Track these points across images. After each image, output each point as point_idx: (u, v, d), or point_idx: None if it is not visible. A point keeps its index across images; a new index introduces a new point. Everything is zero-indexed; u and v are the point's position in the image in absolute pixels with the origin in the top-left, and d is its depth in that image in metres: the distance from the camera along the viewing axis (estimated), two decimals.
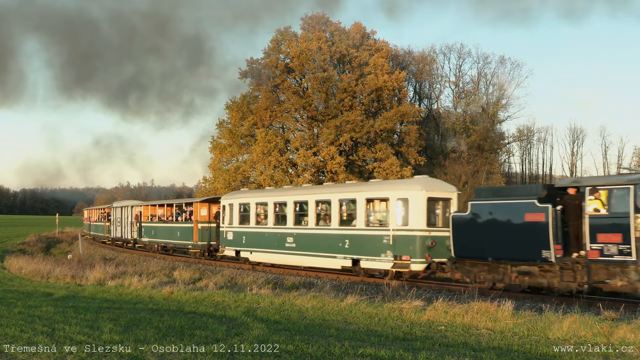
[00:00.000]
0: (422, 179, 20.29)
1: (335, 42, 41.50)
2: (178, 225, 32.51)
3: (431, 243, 18.41)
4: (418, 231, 18.53)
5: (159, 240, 34.84)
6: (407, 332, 10.49)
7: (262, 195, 25.83)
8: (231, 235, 26.35)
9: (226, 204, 26.85)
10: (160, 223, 35.16)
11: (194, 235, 29.82)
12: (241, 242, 25.70)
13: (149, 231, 36.34)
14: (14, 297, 17.11)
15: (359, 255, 20.05)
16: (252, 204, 25.36)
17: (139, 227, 37.46)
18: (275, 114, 41.56)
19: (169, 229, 33.68)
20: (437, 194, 19.40)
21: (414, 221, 18.64)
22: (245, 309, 13.31)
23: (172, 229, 33.11)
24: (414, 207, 18.68)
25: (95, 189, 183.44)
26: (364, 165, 41.07)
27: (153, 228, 36.03)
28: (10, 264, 32.20)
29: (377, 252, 19.37)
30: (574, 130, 55.17)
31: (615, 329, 9.88)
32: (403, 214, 18.87)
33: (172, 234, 32.96)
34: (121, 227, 41.28)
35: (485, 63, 50.27)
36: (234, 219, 26.18)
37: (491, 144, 46.74)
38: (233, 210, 26.25)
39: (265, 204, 24.80)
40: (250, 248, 25.21)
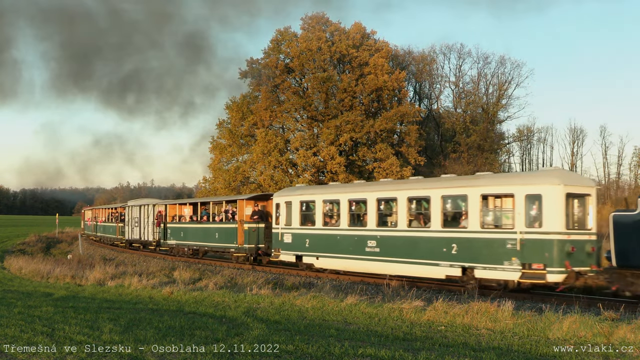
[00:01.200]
0: (557, 171, 16.99)
1: (335, 42, 41.51)
2: (217, 225, 28.73)
3: (571, 248, 15.37)
4: (555, 234, 15.40)
5: (190, 242, 30.94)
6: (407, 332, 10.48)
7: (331, 192, 22.01)
8: (289, 238, 22.98)
9: (281, 202, 23.54)
10: (192, 224, 31.28)
11: (238, 237, 26.45)
12: (303, 246, 22.24)
13: (177, 232, 32.44)
14: (14, 297, 17.12)
15: (471, 262, 16.69)
16: (317, 202, 21.88)
17: (163, 228, 33.66)
18: (275, 114, 41.57)
19: (204, 231, 29.88)
20: (576, 188, 16.16)
21: (550, 222, 15.45)
22: (245, 309, 13.31)
23: (209, 230, 29.29)
24: (550, 205, 15.47)
25: (95, 189, 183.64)
26: (364, 165, 41.08)
27: (182, 229, 32.10)
28: (10, 264, 32.21)
29: (497, 259, 16.12)
30: (574, 130, 55.14)
31: (615, 329, 9.88)
32: (534, 213, 15.76)
33: (209, 235, 29.19)
34: (139, 228, 37.63)
35: (485, 63, 50.34)
36: (292, 219, 22.76)
37: (491, 144, 46.78)
38: (292, 209, 22.83)
39: (336, 202, 21.33)
40: (316, 253, 21.71)
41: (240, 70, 45.24)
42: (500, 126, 51.58)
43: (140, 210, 37.66)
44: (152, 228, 35.53)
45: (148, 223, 36.25)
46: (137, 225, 37.86)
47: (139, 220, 37.63)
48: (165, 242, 33.42)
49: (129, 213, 39.73)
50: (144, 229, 37.11)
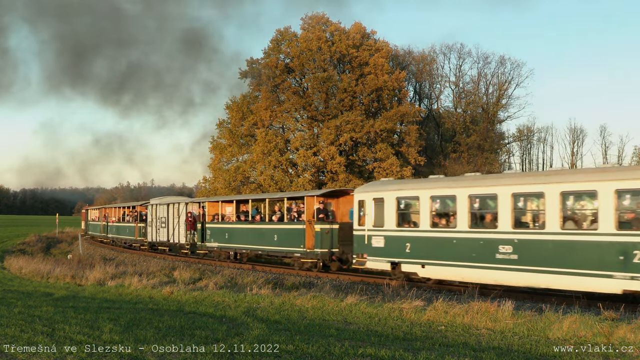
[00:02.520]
0: None
1: (335, 42, 41.52)
2: (277, 226, 24.65)
3: None
4: None
5: (238, 245, 27.00)
6: (407, 332, 10.48)
7: (443, 186, 18.15)
8: (380, 242, 19.26)
9: (367, 199, 19.79)
10: (241, 224, 27.18)
11: (306, 239, 22.47)
12: (402, 251, 18.53)
13: (219, 234, 28.42)
14: (14, 297, 17.12)
15: None
16: (423, 198, 18.00)
17: (201, 229, 29.73)
18: (275, 114, 41.57)
19: (258, 232, 25.74)
20: None
21: None
22: (245, 309, 13.31)
23: (265, 231, 25.23)
24: None
25: (95, 189, 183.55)
26: (364, 165, 41.08)
27: (227, 230, 28.03)
28: (10, 264, 32.22)
29: None
30: (574, 130, 55.20)
31: (615, 329, 9.88)
32: None
33: (265, 237, 25.21)
34: (167, 229, 33.50)
35: (485, 63, 50.34)
36: (385, 219, 19.03)
37: (491, 144, 46.78)
38: (384, 207, 19.12)
39: (450, 198, 17.49)
40: (420, 259, 17.99)
41: (240, 70, 45.30)
42: (500, 126, 51.66)
43: (168, 209, 33.51)
44: (184, 229, 31.54)
45: (179, 223, 32.21)
46: (164, 225, 33.74)
47: (166, 220, 33.55)
48: (204, 244, 29.33)
49: (153, 212, 35.55)
50: (173, 230, 33.05)
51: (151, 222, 35.88)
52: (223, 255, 28.41)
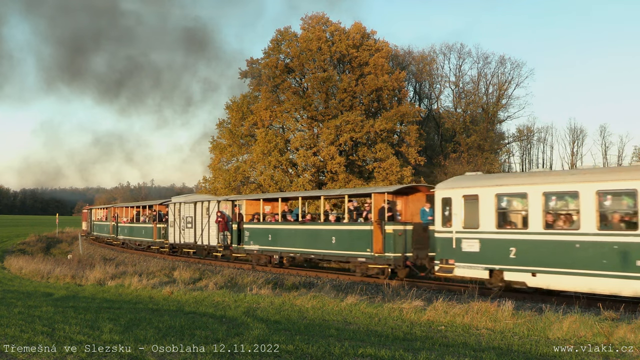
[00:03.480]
0: None
1: (335, 42, 41.52)
2: (337, 227, 21.89)
3: None
4: None
5: (285, 248, 24.12)
6: (407, 332, 10.49)
7: (558, 181, 15.30)
8: (474, 245, 16.61)
9: (455, 196, 17.15)
10: (289, 224, 24.26)
11: (374, 242, 19.72)
12: (505, 257, 15.92)
13: (260, 235, 25.46)
14: (14, 297, 17.12)
15: None
16: (532, 195, 15.37)
17: (238, 230, 26.89)
18: (275, 114, 41.57)
19: (311, 233, 22.84)
20: None
21: None
22: (245, 309, 13.31)
23: (321, 232, 22.25)
24: None
25: (95, 189, 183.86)
26: (364, 165, 41.06)
27: (271, 231, 24.98)
28: (10, 264, 32.22)
29: None
30: (574, 130, 55.23)
31: (615, 329, 9.89)
32: None
33: (319, 239, 22.30)
34: (194, 230, 30.96)
35: (485, 63, 50.34)
36: (481, 219, 16.42)
37: (491, 144, 46.78)
38: (479, 206, 16.54)
39: (570, 195, 14.95)
40: (531, 267, 15.34)
41: (240, 70, 45.31)
42: (500, 126, 51.66)
43: (195, 208, 30.84)
44: (215, 230, 28.97)
45: (209, 224, 29.53)
46: (191, 226, 31.12)
47: (192, 221, 30.96)
48: (241, 247, 26.54)
49: (175, 212, 32.84)
50: (201, 231, 30.20)
51: (173, 223, 33.14)
52: (263, 259, 25.61)
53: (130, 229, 41.04)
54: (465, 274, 16.85)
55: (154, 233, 36.17)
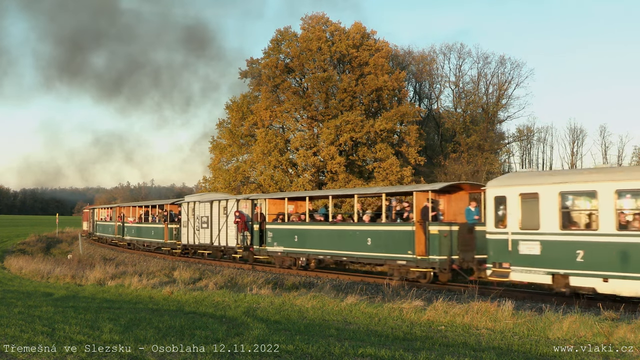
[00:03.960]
0: None
1: (335, 42, 41.53)
2: (374, 228, 20.37)
3: None
4: None
5: (315, 250, 22.70)
6: (407, 332, 10.49)
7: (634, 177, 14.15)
8: (535, 248, 15.25)
9: (510, 194, 15.86)
10: (318, 225, 22.88)
11: (416, 244, 18.49)
12: (571, 260, 14.61)
13: (285, 236, 24.07)
14: (14, 297, 17.12)
15: None
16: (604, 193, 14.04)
17: (259, 231, 25.56)
18: (275, 114, 41.59)
19: (344, 235, 21.42)
20: None
21: None
22: (245, 309, 13.32)
23: (355, 234, 20.82)
24: None
25: (95, 189, 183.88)
26: (364, 165, 41.07)
27: (298, 232, 23.51)
28: (10, 264, 32.23)
29: None
30: (574, 130, 55.18)
31: (615, 329, 9.89)
32: None
33: (353, 241, 20.89)
34: (210, 231, 29.57)
35: (485, 63, 50.31)
36: (542, 219, 15.14)
37: (491, 144, 46.77)
38: (540, 204, 15.26)
39: None
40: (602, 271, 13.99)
41: (240, 70, 45.32)
42: (500, 126, 51.63)
43: (212, 207, 29.50)
44: (234, 230, 27.53)
45: (227, 224, 28.19)
46: (207, 226, 29.84)
47: (208, 221, 29.62)
48: (263, 249, 25.20)
49: (189, 211, 31.54)
50: (218, 231, 28.85)
51: (186, 223, 31.72)
52: (288, 261, 24.21)
53: (138, 230, 39.51)
54: (523, 279, 15.56)
55: (164, 233, 34.71)
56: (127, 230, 41.41)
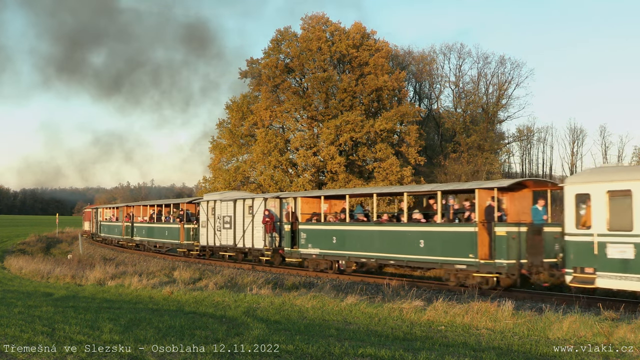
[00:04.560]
0: None
1: (335, 42, 41.54)
2: (429, 229, 18.43)
3: None
4: None
5: (356, 253, 20.77)
6: (407, 332, 10.49)
7: None
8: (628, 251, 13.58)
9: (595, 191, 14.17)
10: (361, 225, 21.10)
11: (479, 246, 16.72)
12: None
13: (322, 238, 22.11)
14: (14, 297, 17.12)
15: None
16: None
17: (291, 232, 23.67)
18: (275, 114, 41.60)
19: (392, 236, 19.36)
20: None
21: None
22: (245, 309, 13.32)
23: (406, 235, 18.88)
24: None
25: (95, 189, 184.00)
26: (364, 165, 41.09)
27: (336, 233, 21.64)
28: (10, 264, 32.23)
29: None
30: (574, 130, 55.24)
31: (615, 329, 9.89)
32: None
33: (403, 243, 18.87)
34: (233, 231, 27.69)
35: (485, 63, 50.35)
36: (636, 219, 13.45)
37: (491, 144, 46.78)
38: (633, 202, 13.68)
39: None
40: None
41: (240, 70, 45.33)
42: (500, 126, 51.67)
43: (235, 206, 27.63)
44: (261, 231, 25.71)
45: (253, 224, 26.31)
46: (229, 226, 28.04)
47: (231, 221, 27.81)
48: (295, 250, 23.35)
49: (208, 211, 29.70)
50: (242, 232, 26.97)
51: (205, 223, 29.91)
52: (324, 264, 22.40)
53: (149, 230, 37.24)
54: (612, 286, 13.86)
55: (180, 234, 32.65)
56: (137, 230, 39.29)
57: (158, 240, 35.91)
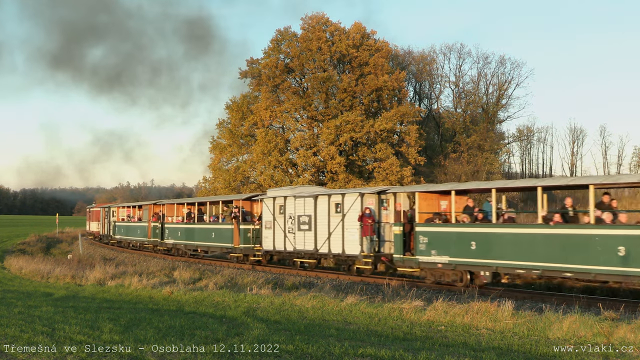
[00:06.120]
0: None
1: (335, 42, 41.54)
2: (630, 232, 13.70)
3: None
4: None
5: (505, 262, 16.07)
6: (407, 332, 10.49)
7: None
8: None
9: None
10: (517, 228, 16.27)
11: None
12: None
13: (453, 242, 17.48)
14: (14, 297, 17.12)
15: None
16: None
17: (403, 235, 19.17)
18: (275, 114, 41.61)
19: (565, 240, 14.93)
20: None
21: None
22: (245, 309, 13.32)
23: (589, 240, 14.41)
24: None
25: (95, 189, 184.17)
26: (364, 165, 41.08)
27: (475, 237, 16.90)
28: (10, 264, 32.24)
29: None
30: (574, 130, 55.34)
31: (615, 329, 9.89)
32: None
33: (585, 250, 14.44)
34: (313, 233, 23.17)
35: (485, 63, 50.38)
36: None
37: (491, 144, 46.78)
38: None
39: None
40: None
41: (240, 70, 45.33)
42: (500, 126, 51.68)
43: (316, 203, 23.14)
44: (355, 234, 21.26)
45: (344, 225, 21.86)
46: (308, 227, 23.58)
47: (311, 221, 23.35)
48: (412, 258, 18.73)
49: (275, 209, 25.33)
50: (328, 235, 22.55)
51: (271, 223, 25.53)
52: (451, 276, 17.84)
53: (188, 232, 32.15)
54: None
55: (234, 236, 27.64)
56: (170, 232, 34.02)
57: (201, 243, 30.73)
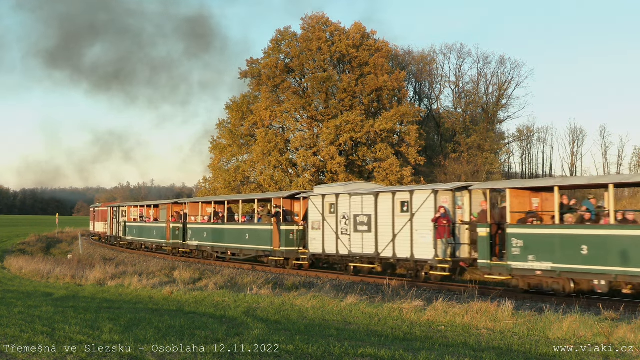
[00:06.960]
0: None
1: (335, 42, 41.54)
2: None
3: None
4: None
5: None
6: (407, 332, 10.49)
7: None
8: None
9: None
10: None
11: None
12: None
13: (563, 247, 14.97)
14: (14, 297, 17.12)
15: None
16: None
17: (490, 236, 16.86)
18: (275, 114, 41.60)
19: None
20: None
21: None
22: (245, 309, 13.32)
23: None
24: None
25: (95, 189, 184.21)
26: (364, 165, 41.07)
27: (590, 239, 14.43)
28: (10, 264, 32.23)
29: None
30: (574, 130, 55.24)
31: (615, 329, 9.88)
32: None
33: None
34: (374, 235, 20.76)
35: (485, 63, 50.32)
36: None
37: (491, 144, 46.76)
38: None
39: None
40: None
41: (240, 70, 45.33)
42: (500, 126, 51.64)
43: (377, 201, 20.76)
44: (428, 236, 18.96)
45: (412, 227, 19.47)
46: (367, 229, 21.07)
47: (371, 221, 20.91)
48: (502, 264, 16.29)
49: (324, 208, 22.94)
50: (392, 236, 20.09)
51: (319, 224, 23.17)
52: (553, 284, 15.52)
53: (216, 233, 29.44)
54: None
55: (274, 238, 25.03)
56: (194, 233, 31.48)
57: (231, 245, 28.14)
